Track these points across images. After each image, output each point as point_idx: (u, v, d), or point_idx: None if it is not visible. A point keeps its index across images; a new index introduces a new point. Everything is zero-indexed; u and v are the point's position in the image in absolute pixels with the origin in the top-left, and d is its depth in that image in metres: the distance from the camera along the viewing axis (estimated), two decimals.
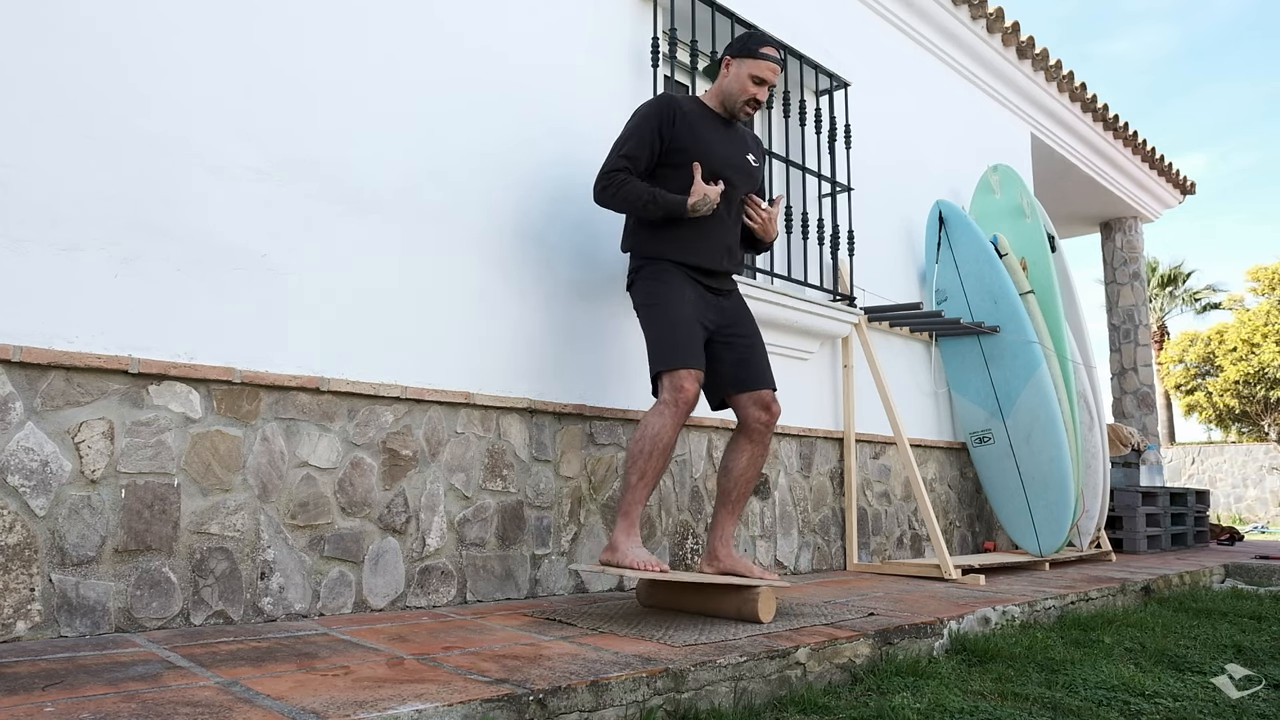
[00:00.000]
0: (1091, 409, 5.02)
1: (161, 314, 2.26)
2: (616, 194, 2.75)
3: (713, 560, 2.79)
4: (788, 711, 1.96)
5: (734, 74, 2.84)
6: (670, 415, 2.59)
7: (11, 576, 1.99)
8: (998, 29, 5.62)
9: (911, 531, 4.76)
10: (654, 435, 2.57)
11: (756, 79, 2.81)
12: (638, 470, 2.58)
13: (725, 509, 2.83)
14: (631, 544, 2.53)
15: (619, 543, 2.55)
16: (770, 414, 2.81)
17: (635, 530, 2.57)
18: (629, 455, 2.61)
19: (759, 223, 2.92)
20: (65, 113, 2.14)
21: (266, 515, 2.40)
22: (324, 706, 1.48)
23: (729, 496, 2.83)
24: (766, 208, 2.94)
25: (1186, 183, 8.42)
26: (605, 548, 2.62)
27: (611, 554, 2.54)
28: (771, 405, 2.81)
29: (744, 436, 2.83)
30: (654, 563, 2.48)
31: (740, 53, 2.83)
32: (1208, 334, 23.59)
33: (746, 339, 2.86)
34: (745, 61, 2.82)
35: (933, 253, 5.08)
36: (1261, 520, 16.36)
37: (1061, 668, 2.41)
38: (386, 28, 2.80)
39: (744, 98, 2.83)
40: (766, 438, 2.83)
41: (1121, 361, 8.16)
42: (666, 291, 2.73)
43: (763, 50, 2.80)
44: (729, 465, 2.83)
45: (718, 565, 2.78)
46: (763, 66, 2.80)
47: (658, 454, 2.57)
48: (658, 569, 2.46)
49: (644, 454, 2.57)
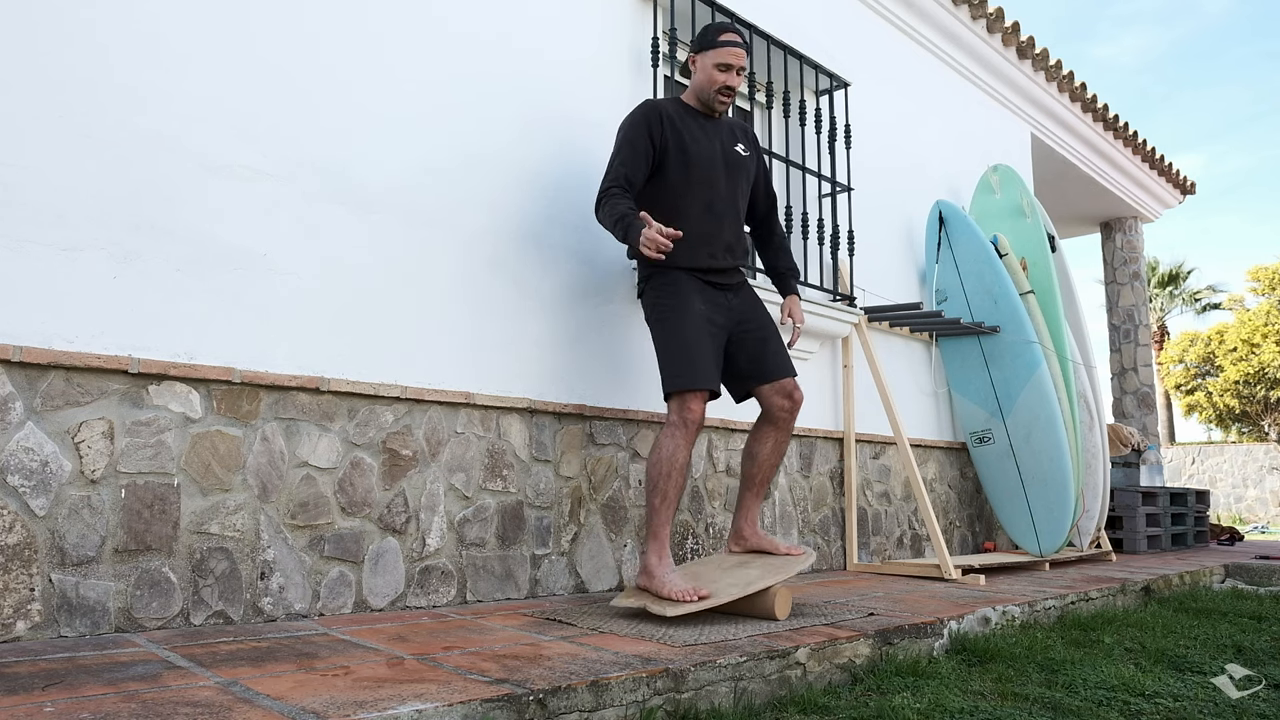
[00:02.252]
0: (1091, 409, 5.02)
1: (161, 314, 2.26)
2: (599, 211, 2.81)
3: (739, 540, 2.90)
4: (788, 711, 1.96)
5: (700, 68, 2.89)
6: (681, 436, 2.65)
7: (11, 576, 1.99)
8: (998, 29, 5.62)
9: (911, 531, 4.76)
10: (669, 457, 2.63)
11: (722, 66, 2.84)
12: (659, 493, 2.63)
13: (750, 492, 2.93)
14: (666, 569, 2.56)
15: (653, 567, 2.58)
16: (793, 401, 2.88)
17: (667, 553, 2.61)
18: (648, 480, 2.66)
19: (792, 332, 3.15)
20: (65, 112, 2.14)
21: (266, 515, 2.40)
22: (324, 706, 1.48)
23: (753, 480, 2.92)
24: (794, 338, 3.13)
25: (1186, 182, 8.41)
26: (640, 571, 2.63)
27: (649, 580, 2.57)
28: (794, 393, 2.88)
29: (768, 424, 2.90)
30: (691, 591, 2.47)
31: (702, 47, 2.89)
32: (1208, 334, 23.58)
33: (760, 331, 2.90)
34: (708, 53, 2.87)
35: (933, 253, 5.08)
36: (1261, 520, 16.35)
37: (1061, 668, 2.41)
38: (386, 28, 2.80)
39: (714, 88, 2.86)
40: (790, 424, 2.90)
41: (1121, 361, 8.16)
42: (676, 305, 2.77)
43: (722, 38, 2.85)
44: (754, 451, 2.92)
45: (744, 544, 2.89)
46: (725, 53, 2.84)
47: (675, 474, 2.63)
48: (696, 598, 2.46)
49: (662, 476, 2.63)
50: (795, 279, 3.20)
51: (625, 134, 2.84)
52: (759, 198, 3.12)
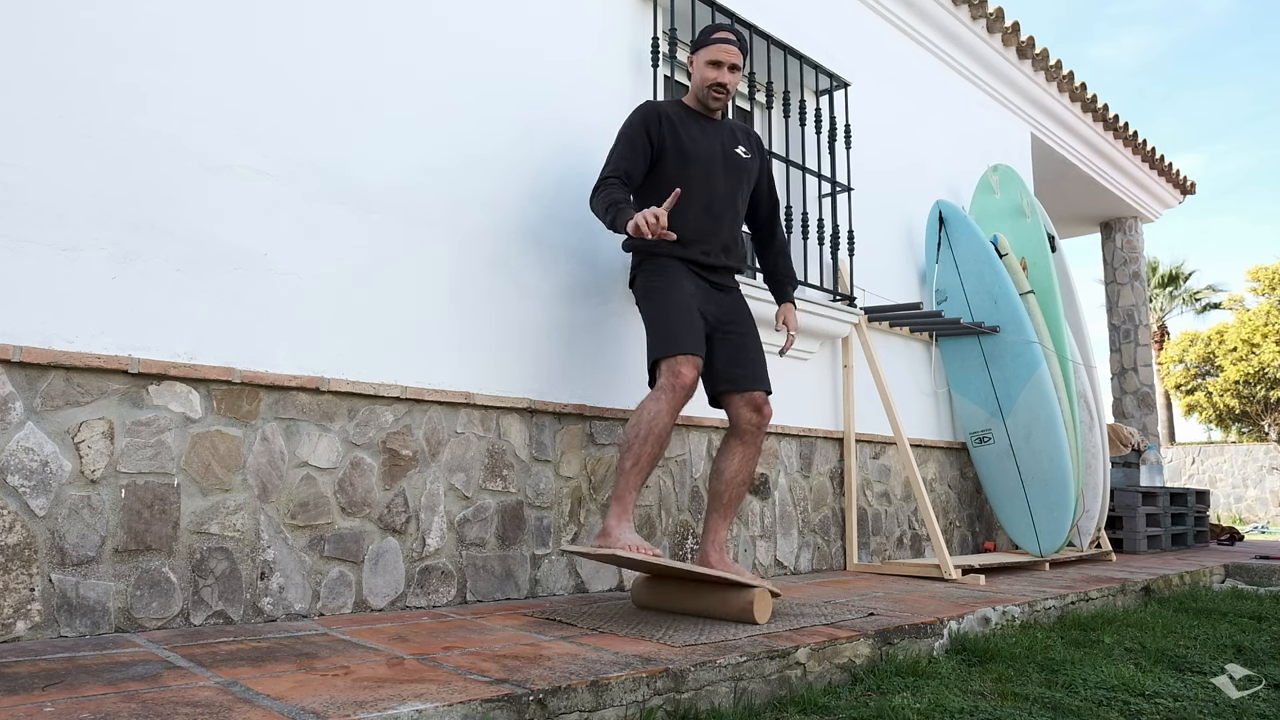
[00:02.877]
0: (1091, 409, 5.02)
1: (161, 314, 2.26)
2: (594, 198, 2.79)
3: (704, 564, 2.78)
4: (788, 711, 1.96)
5: (695, 67, 2.92)
6: (667, 400, 2.56)
7: (11, 576, 1.99)
8: (998, 29, 5.62)
9: (911, 531, 4.76)
10: (650, 419, 2.53)
11: (713, 63, 2.86)
12: (632, 455, 2.53)
13: (717, 513, 2.82)
14: (624, 529, 2.50)
15: (611, 528, 2.51)
16: (761, 416, 2.81)
17: (628, 515, 2.52)
18: (623, 440, 2.56)
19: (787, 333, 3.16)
20: (65, 112, 2.14)
21: (266, 515, 2.40)
22: (324, 706, 1.48)
23: (720, 500, 2.82)
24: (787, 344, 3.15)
25: (1186, 182, 8.41)
26: (599, 533, 2.56)
27: (605, 539, 2.50)
28: (763, 407, 2.81)
29: (735, 438, 2.83)
30: (646, 547, 2.44)
31: (696, 47, 2.92)
32: (1208, 334, 23.57)
33: (742, 336, 2.87)
34: (701, 51, 2.90)
35: (933, 253, 5.08)
36: (1261, 520, 16.35)
37: (1061, 668, 2.41)
38: (386, 28, 2.80)
39: (707, 85, 2.88)
40: (758, 439, 2.82)
41: (1121, 361, 8.16)
42: (666, 282, 2.76)
43: (714, 36, 2.87)
44: (720, 468, 2.83)
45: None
46: (715, 50, 2.85)
47: (653, 439, 2.53)
48: (650, 553, 2.42)
49: (639, 438, 2.53)
50: (793, 287, 3.18)
51: (624, 131, 2.86)
52: (761, 200, 3.11)
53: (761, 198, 3.11)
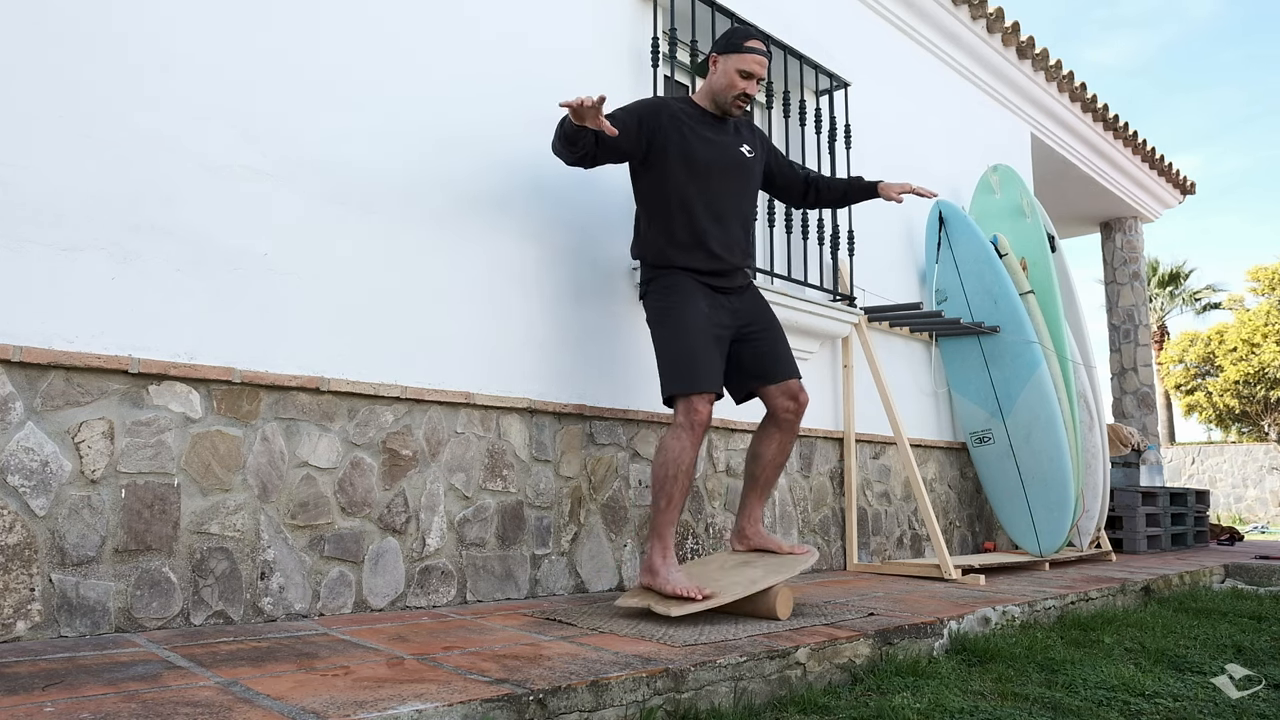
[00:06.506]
0: (1091, 409, 5.02)
1: (161, 314, 2.26)
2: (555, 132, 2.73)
3: (742, 539, 2.92)
4: (788, 711, 1.96)
5: (721, 70, 2.86)
6: (688, 438, 2.63)
7: (11, 576, 1.99)
8: (998, 29, 5.62)
9: (911, 531, 4.76)
10: (675, 459, 2.61)
11: (744, 73, 2.82)
12: (665, 495, 2.61)
13: (754, 493, 2.94)
14: (670, 568, 2.56)
15: (657, 566, 2.57)
16: (798, 402, 2.88)
17: (671, 552, 2.60)
18: (653, 480, 2.65)
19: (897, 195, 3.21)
20: (65, 112, 2.14)
21: (266, 515, 2.40)
22: (324, 706, 1.48)
23: (757, 481, 2.93)
24: (915, 189, 3.20)
25: (1186, 182, 8.41)
26: (643, 570, 2.62)
27: (652, 579, 2.55)
28: (799, 394, 2.88)
29: (773, 425, 2.90)
30: (695, 589, 2.47)
31: (726, 49, 2.85)
32: (1208, 334, 23.57)
33: (765, 332, 2.90)
34: (731, 57, 2.83)
35: (933, 253, 5.08)
36: (1261, 520, 16.35)
37: (1061, 668, 2.41)
38: (385, 28, 2.80)
39: (733, 93, 2.84)
40: (795, 425, 2.91)
41: (1121, 361, 8.16)
42: (679, 307, 2.74)
43: (748, 44, 2.82)
44: (759, 451, 2.92)
45: (747, 543, 2.91)
46: (749, 60, 2.81)
47: (681, 476, 2.61)
48: (700, 596, 2.45)
49: (668, 478, 2.61)
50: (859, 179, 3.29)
51: (625, 107, 2.83)
52: (782, 172, 3.16)
53: (782, 169, 3.15)
